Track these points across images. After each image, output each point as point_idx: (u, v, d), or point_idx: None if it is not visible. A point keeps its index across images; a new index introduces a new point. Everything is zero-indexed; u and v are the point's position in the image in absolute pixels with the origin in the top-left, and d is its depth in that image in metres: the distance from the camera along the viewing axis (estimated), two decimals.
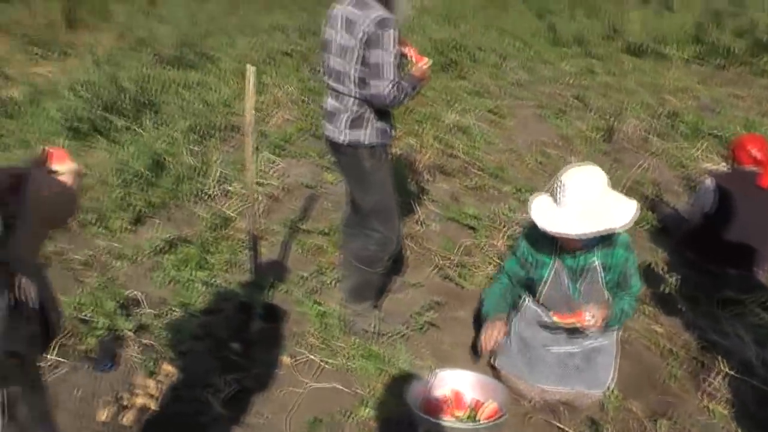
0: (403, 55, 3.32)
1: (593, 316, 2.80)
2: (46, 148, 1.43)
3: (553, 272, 2.93)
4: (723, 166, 4.80)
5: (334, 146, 3.40)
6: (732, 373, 3.24)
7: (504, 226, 4.66)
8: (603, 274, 2.89)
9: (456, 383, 2.90)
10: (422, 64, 3.25)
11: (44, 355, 1.51)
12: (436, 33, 10.47)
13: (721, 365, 3.27)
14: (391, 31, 3.01)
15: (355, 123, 3.23)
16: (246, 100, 3.51)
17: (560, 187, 2.72)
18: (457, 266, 4.22)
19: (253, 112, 3.54)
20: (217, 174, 5.47)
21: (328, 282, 4.06)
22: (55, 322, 1.39)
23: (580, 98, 7.83)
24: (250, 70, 3.48)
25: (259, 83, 8.31)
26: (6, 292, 1.18)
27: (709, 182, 4.03)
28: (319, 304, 3.80)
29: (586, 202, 2.67)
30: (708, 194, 3.99)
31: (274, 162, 5.90)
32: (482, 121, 7.03)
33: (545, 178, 5.58)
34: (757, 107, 7.54)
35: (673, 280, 3.87)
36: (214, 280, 4.09)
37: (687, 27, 10.51)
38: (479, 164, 5.82)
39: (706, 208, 4.00)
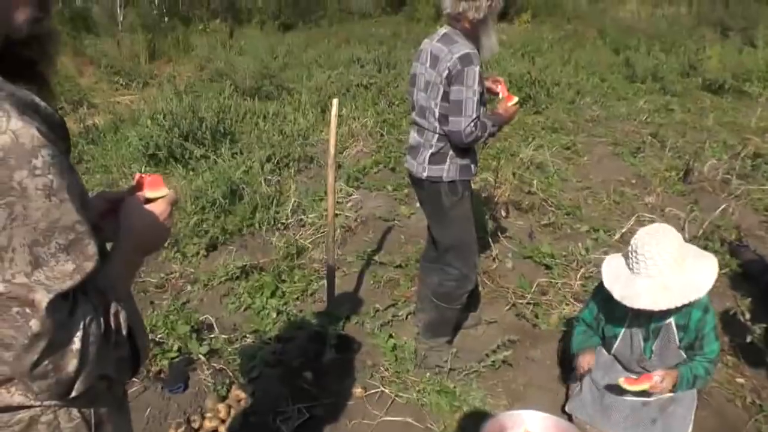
0: (492, 92, 3.32)
1: (662, 380, 2.69)
2: (141, 174, 1.47)
3: (626, 331, 2.84)
4: None
5: (415, 180, 3.41)
6: None
7: (579, 266, 4.57)
8: (678, 335, 2.75)
9: (529, 423, 2.83)
10: (510, 103, 3.25)
11: (131, 379, 1.54)
12: (512, 67, 10.50)
13: None
14: (475, 67, 3.00)
15: (436, 158, 3.23)
16: (329, 132, 3.56)
17: (635, 256, 2.61)
18: (532, 305, 4.16)
19: (336, 143, 3.59)
20: (293, 204, 5.56)
21: (402, 315, 4.04)
22: (143, 348, 1.42)
23: (657, 136, 7.69)
24: (334, 103, 3.54)
25: (338, 115, 8.50)
26: (100, 319, 1.21)
27: None
28: (393, 337, 3.79)
29: (664, 272, 2.55)
30: None
31: (349, 194, 5.97)
32: (557, 157, 6.99)
33: (621, 218, 5.48)
34: None
35: (757, 329, 3.71)
36: (287, 308, 4.14)
37: None
38: (555, 201, 5.77)
39: None
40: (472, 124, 3.03)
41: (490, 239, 4.87)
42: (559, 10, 19.41)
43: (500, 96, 3.33)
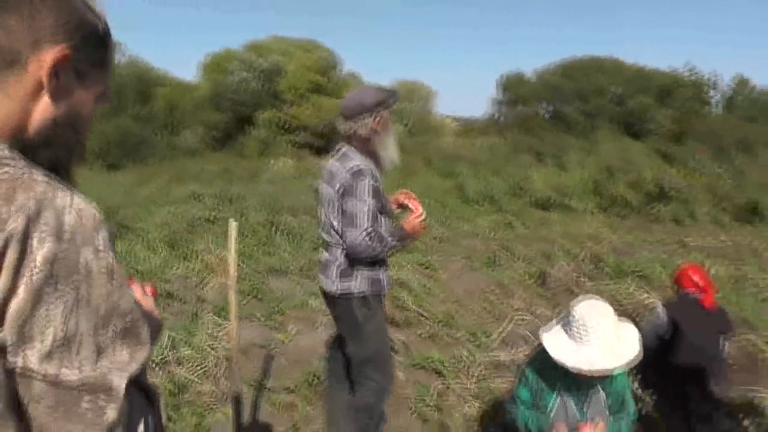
0: (402, 206, 3.47)
1: (595, 428, 2.88)
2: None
3: (558, 401, 3.01)
4: (654, 300, 5.18)
5: (328, 297, 3.43)
6: None
7: (469, 368, 4.73)
8: (606, 400, 2.99)
9: None
10: (414, 216, 3.38)
11: None
12: None
13: None
14: (366, 180, 3.12)
15: (345, 273, 3.27)
16: (229, 255, 3.54)
17: (582, 327, 2.83)
18: (436, 409, 4.22)
19: (236, 265, 3.56)
20: (166, 339, 5.32)
21: None
22: None
23: (506, 249, 8.25)
24: (233, 225, 3.54)
25: (188, 251, 8.36)
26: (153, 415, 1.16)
27: (660, 311, 4.31)
28: None
29: (609, 338, 2.80)
30: (662, 321, 4.25)
31: (220, 325, 5.82)
32: (418, 274, 7.26)
33: (495, 322, 5.77)
34: (663, 247, 8.20)
35: (648, 398, 4.07)
36: None
37: (586, 182, 11.46)
38: (428, 314, 5.96)
39: (661, 334, 4.24)
40: (366, 236, 3.09)
41: None
42: None
43: (410, 209, 3.46)
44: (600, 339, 2.78)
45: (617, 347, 2.78)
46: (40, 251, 0.93)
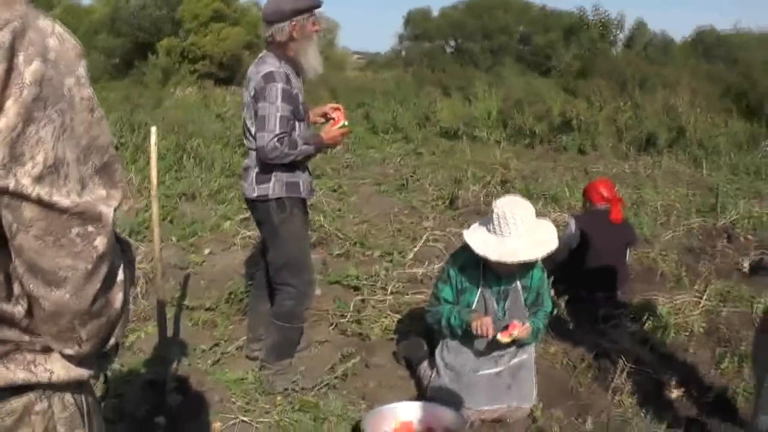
0: (326, 117, 3.46)
1: (523, 324, 3.04)
2: None
3: (479, 296, 3.15)
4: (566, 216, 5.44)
5: (248, 202, 3.46)
6: (630, 367, 3.65)
7: (385, 285, 4.84)
8: (523, 294, 3.16)
9: (404, 414, 2.97)
10: (336, 127, 3.40)
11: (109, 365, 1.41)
12: None
13: (622, 363, 3.65)
14: (278, 84, 3.14)
15: (261, 178, 3.30)
16: (151, 163, 3.45)
17: (503, 221, 2.95)
18: (354, 322, 4.32)
19: (157, 173, 3.48)
20: None
21: (230, 352, 3.96)
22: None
23: (415, 174, 8.39)
24: (153, 131, 3.44)
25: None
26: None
27: (572, 223, 4.53)
28: (229, 371, 3.71)
29: (530, 230, 2.95)
30: (572, 232, 4.48)
31: (137, 247, 5.68)
32: (328, 198, 7.29)
33: (407, 241, 5.90)
34: (568, 174, 8.58)
35: (562, 302, 4.36)
36: None
37: (492, 113, 11.68)
38: (341, 234, 6.02)
39: (573, 245, 4.47)
40: (276, 139, 3.11)
41: None
42: None
43: (334, 121, 3.46)
44: (521, 231, 2.92)
45: (537, 239, 2.94)
46: (28, 69, 0.90)
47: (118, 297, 1.07)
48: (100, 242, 0.99)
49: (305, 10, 3.25)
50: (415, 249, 5.54)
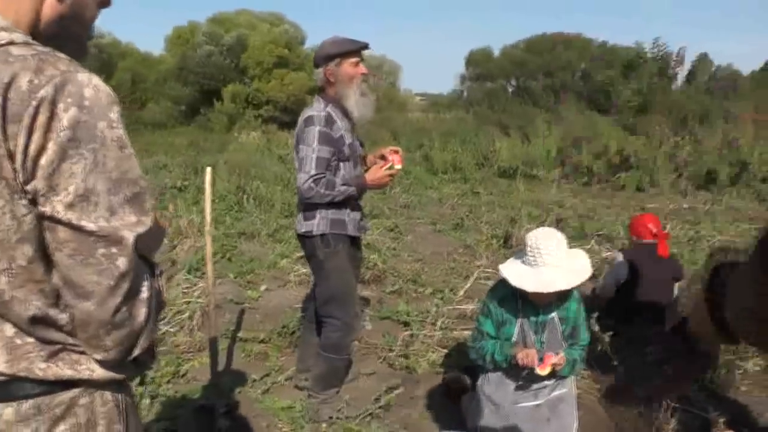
0: (383, 157, 3.59)
1: (557, 355, 3.07)
2: None
3: (518, 328, 3.20)
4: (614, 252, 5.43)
5: (298, 237, 3.61)
6: (677, 405, 3.60)
7: (434, 320, 4.92)
8: (561, 326, 3.19)
9: None
10: (384, 169, 3.50)
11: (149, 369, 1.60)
12: None
13: (669, 401, 3.60)
14: (316, 127, 3.31)
15: (308, 214, 3.48)
16: (205, 201, 3.65)
17: (537, 252, 3.01)
18: (402, 356, 4.40)
19: (211, 211, 3.68)
20: None
21: (280, 381, 4.09)
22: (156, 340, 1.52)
23: (471, 214, 8.47)
24: (208, 171, 3.66)
25: (161, 215, 8.43)
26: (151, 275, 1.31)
27: (620, 257, 4.54)
28: (278, 400, 3.84)
29: (563, 259, 3.00)
30: (621, 267, 4.49)
31: (195, 283, 5.93)
32: (384, 237, 7.43)
33: (460, 279, 5.95)
34: (625, 213, 8.48)
35: (606, 337, 4.33)
36: (159, 390, 4.02)
37: (551, 152, 11.70)
38: (395, 272, 6.14)
39: (621, 279, 4.47)
40: (311, 180, 3.28)
41: None
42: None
43: (391, 164, 3.53)
44: (555, 261, 2.97)
45: (572, 267, 2.99)
46: (66, 115, 1.11)
47: (141, 311, 1.24)
48: (122, 262, 1.17)
49: (338, 54, 3.41)
50: (466, 286, 5.61)
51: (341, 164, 3.43)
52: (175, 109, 23.76)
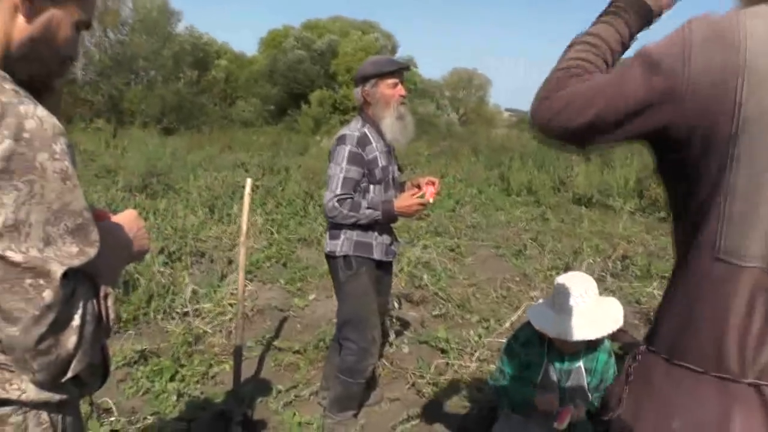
0: (419, 186, 3.48)
1: (576, 407, 2.93)
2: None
3: (543, 372, 3.07)
4: None
5: (325, 256, 3.58)
6: None
7: (473, 351, 4.79)
8: (586, 377, 3.04)
9: None
10: (412, 194, 3.40)
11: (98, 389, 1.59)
12: None
13: None
14: (347, 147, 3.27)
15: (333, 234, 3.44)
16: (243, 211, 3.67)
17: (565, 296, 2.88)
18: (432, 384, 4.30)
19: (248, 221, 3.70)
20: (189, 292, 5.52)
21: (305, 396, 4.07)
22: (109, 358, 1.51)
23: (536, 241, 8.26)
24: (248, 182, 3.68)
25: (225, 215, 8.60)
26: (94, 300, 1.28)
27: None
28: (297, 414, 3.81)
29: (590, 308, 2.85)
30: None
31: (246, 285, 5.99)
32: (443, 257, 7.33)
33: (509, 310, 5.79)
34: None
35: None
36: (188, 390, 4.07)
37: (629, 181, 11.30)
38: (444, 295, 6.03)
39: None
40: (336, 200, 3.24)
41: (386, 327, 5.01)
42: (434, 128, 20.70)
43: (423, 192, 3.42)
44: (581, 308, 2.83)
45: (599, 317, 2.83)
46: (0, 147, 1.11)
47: (70, 339, 1.21)
48: (48, 294, 1.15)
49: (375, 75, 3.37)
50: (513, 318, 5.44)
51: (371, 187, 3.38)
52: (263, 109, 24.29)
